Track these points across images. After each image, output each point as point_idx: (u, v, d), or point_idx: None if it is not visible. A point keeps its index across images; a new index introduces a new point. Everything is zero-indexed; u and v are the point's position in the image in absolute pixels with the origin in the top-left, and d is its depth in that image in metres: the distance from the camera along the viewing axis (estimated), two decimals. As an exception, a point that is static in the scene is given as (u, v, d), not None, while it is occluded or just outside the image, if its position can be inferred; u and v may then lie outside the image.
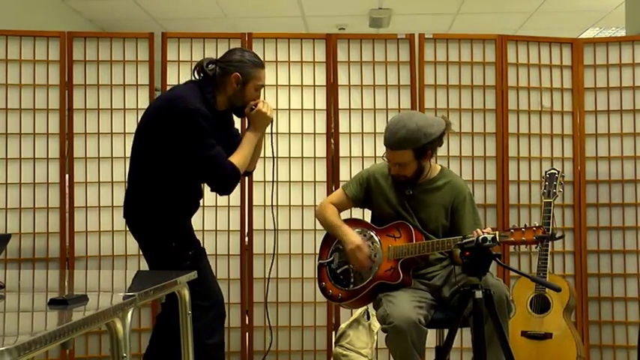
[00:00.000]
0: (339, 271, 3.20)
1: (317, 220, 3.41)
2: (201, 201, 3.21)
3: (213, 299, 3.02)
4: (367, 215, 3.42)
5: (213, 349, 3.00)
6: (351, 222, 3.32)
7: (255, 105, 3.02)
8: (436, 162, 3.46)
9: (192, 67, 3.07)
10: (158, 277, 2.43)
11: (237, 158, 2.95)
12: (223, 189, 3.02)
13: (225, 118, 3.10)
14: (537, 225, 2.79)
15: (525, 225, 2.80)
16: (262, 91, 3.13)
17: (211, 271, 3.12)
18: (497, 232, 2.78)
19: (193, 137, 2.86)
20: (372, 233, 3.19)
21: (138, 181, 3.06)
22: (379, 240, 3.15)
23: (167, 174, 2.99)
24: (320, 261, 3.29)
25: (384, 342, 3.01)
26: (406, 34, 4.12)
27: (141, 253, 3.86)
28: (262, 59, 3.98)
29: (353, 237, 3.15)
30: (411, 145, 3.03)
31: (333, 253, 3.25)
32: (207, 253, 3.19)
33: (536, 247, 3.69)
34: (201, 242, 3.15)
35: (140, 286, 2.17)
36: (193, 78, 3.07)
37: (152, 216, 3.04)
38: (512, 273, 3.87)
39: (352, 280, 3.16)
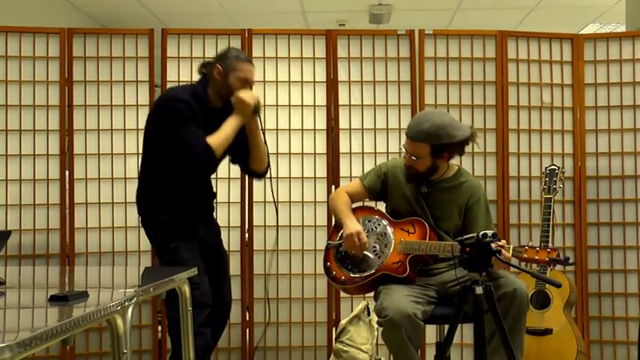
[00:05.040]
0: (345, 254, 3.19)
1: (328, 204, 3.44)
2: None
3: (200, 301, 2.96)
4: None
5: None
6: (366, 209, 3.32)
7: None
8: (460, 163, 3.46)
9: (192, 64, 3.21)
10: (159, 273, 2.43)
11: (214, 138, 3.01)
12: (191, 166, 3.02)
13: (225, 114, 3.14)
14: (552, 247, 2.84)
15: (541, 245, 2.86)
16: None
17: (205, 273, 3.08)
18: (511, 246, 2.83)
19: (171, 120, 2.99)
20: (385, 223, 3.18)
21: (141, 178, 3.22)
22: (392, 232, 3.15)
23: (160, 169, 3.10)
24: (329, 242, 3.29)
25: (383, 338, 3.02)
26: (406, 30, 4.11)
27: (141, 249, 3.92)
28: (262, 55, 4.04)
29: (353, 224, 3.15)
30: (430, 140, 3.04)
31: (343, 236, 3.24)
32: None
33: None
34: (206, 242, 3.21)
35: (148, 282, 2.18)
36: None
37: (152, 213, 3.14)
38: (512, 269, 3.86)
39: (358, 265, 3.14)
